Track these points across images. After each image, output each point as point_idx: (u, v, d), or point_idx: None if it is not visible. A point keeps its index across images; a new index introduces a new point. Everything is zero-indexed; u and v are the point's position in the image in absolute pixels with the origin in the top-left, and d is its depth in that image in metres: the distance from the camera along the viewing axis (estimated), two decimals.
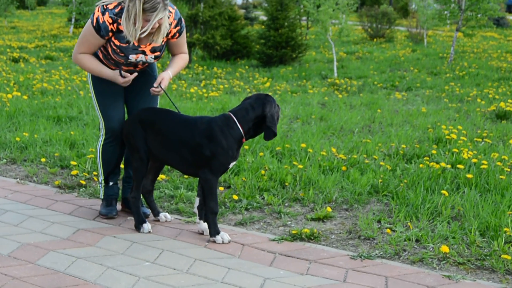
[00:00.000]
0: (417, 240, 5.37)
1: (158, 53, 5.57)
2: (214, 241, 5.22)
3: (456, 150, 8.10)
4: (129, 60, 5.51)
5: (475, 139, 9.16)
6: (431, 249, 5.18)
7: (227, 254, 5.02)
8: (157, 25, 5.25)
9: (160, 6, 5.12)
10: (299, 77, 18.30)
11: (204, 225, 5.38)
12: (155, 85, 5.54)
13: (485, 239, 5.37)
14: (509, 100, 13.05)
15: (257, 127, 5.22)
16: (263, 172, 7.15)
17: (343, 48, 26.42)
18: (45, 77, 16.06)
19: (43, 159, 7.69)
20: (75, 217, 5.83)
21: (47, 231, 5.41)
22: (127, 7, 5.17)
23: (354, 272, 4.72)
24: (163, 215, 5.79)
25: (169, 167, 7.09)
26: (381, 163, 7.63)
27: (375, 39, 31.08)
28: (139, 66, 5.67)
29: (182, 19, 5.60)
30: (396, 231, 5.54)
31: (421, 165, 7.41)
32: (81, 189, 6.72)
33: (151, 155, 5.47)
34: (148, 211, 5.86)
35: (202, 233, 5.42)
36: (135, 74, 5.57)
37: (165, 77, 5.56)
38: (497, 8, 22.54)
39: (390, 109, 12.37)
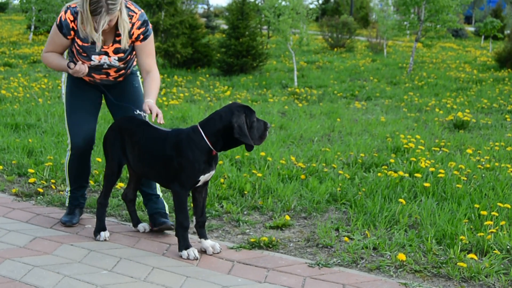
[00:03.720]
0: (374, 248, 5.41)
1: (121, 55, 5.52)
2: (181, 256, 5.13)
3: (414, 159, 8.18)
4: (93, 62, 5.49)
5: (432, 148, 9.26)
6: (388, 257, 5.22)
7: (185, 262, 5.01)
8: (107, 27, 5.23)
9: (103, 10, 5.09)
10: (260, 86, 18.34)
11: (206, 243, 5.24)
12: (154, 118, 5.30)
13: (441, 247, 5.43)
14: (467, 110, 13.23)
15: (229, 138, 4.97)
16: (222, 180, 7.15)
17: (303, 58, 26.54)
18: (3, 84, 15.91)
19: (0, 167, 7.61)
20: (32, 225, 5.78)
21: (4, 239, 5.35)
22: (80, 9, 5.20)
23: (312, 280, 4.74)
24: (142, 226, 5.74)
25: None
26: (340, 171, 7.67)
27: (335, 49, 31.28)
28: (112, 73, 5.66)
29: (149, 23, 5.56)
30: (354, 239, 5.57)
31: (379, 174, 7.47)
32: (38, 197, 6.67)
33: (129, 166, 5.45)
34: (146, 225, 5.79)
35: (204, 252, 5.23)
36: (86, 67, 5.47)
37: (152, 106, 5.35)
38: (456, 20, 22.81)
39: (350, 118, 12.45)
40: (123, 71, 5.74)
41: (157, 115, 5.26)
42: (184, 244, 5.13)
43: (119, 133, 5.37)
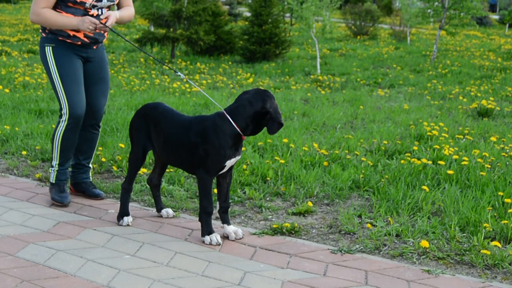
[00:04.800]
0: (397, 235, 5.39)
1: None
2: (203, 241, 5.14)
3: (438, 147, 8.13)
4: (85, 4, 5.65)
5: (456, 136, 9.21)
6: (411, 244, 5.20)
7: (207, 248, 5.01)
8: None
9: None
10: (282, 73, 18.31)
11: (229, 229, 5.26)
12: (102, 17, 5.69)
13: (464, 234, 5.40)
14: (491, 98, 13.13)
15: (257, 123, 5.02)
16: (244, 166, 7.14)
17: (326, 45, 26.48)
18: (27, 70, 16.00)
19: (24, 152, 7.66)
20: (55, 210, 5.81)
21: (28, 224, 5.39)
22: None
23: (334, 266, 4.73)
24: (165, 211, 5.75)
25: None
26: (363, 158, 7.64)
27: (358, 37, 31.17)
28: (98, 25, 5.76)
29: None
30: (376, 226, 5.55)
31: (402, 161, 7.44)
32: None
33: (154, 152, 5.48)
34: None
35: (227, 237, 5.25)
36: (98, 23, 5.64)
37: (112, 15, 5.72)
38: (480, 7, 22.65)
39: (373, 105, 12.41)
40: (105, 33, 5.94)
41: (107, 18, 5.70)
42: (207, 230, 5.13)
43: (144, 119, 5.38)
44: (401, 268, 4.73)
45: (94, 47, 5.95)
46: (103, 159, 7.34)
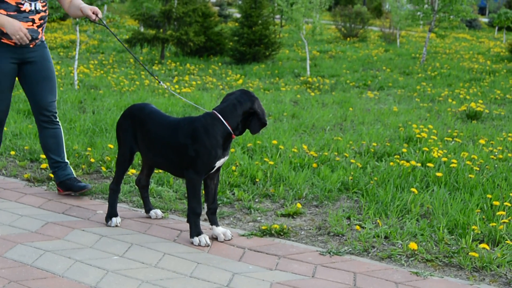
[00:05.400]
0: (386, 237, 5.39)
1: None
2: (192, 242, 5.13)
3: (426, 149, 8.16)
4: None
5: (445, 138, 9.23)
6: (399, 246, 5.20)
7: (196, 249, 5.01)
8: None
9: None
10: (272, 74, 18.32)
11: (217, 230, 5.25)
12: (92, 17, 5.96)
13: (453, 236, 5.41)
14: (480, 101, 13.18)
15: (245, 123, 5.09)
16: (233, 168, 7.14)
17: (316, 47, 26.49)
18: None
19: (12, 152, 7.63)
20: (44, 210, 5.79)
21: (16, 224, 5.37)
22: None
23: (322, 268, 4.73)
24: (154, 212, 5.74)
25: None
26: (352, 160, 7.65)
27: (348, 39, 31.22)
28: (36, 20, 5.83)
29: None
30: (365, 228, 5.56)
31: (391, 163, 7.45)
32: (50, 183, 6.68)
33: (142, 154, 5.47)
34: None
35: (216, 238, 5.24)
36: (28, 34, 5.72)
37: (96, 8, 5.97)
38: (470, 10, 22.71)
39: (362, 107, 12.43)
40: (43, 22, 5.93)
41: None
42: (195, 231, 5.12)
43: (130, 120, 5.37)
44: (389, 270, 4.73)
45: (31, 45, 5.93)
46: (92, 160, 7.32)
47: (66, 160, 6.36)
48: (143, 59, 20.83)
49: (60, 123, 6.31)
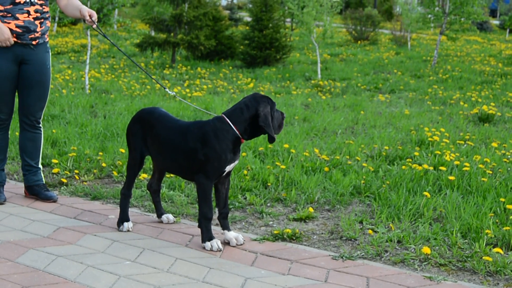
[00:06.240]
0: (398, 241, 5.37)
1: None
2: (204, 247, 5.11)
3: (439, 152, 8.12)
4: None
5: (457, 141, 9.19)
6: (412, 250, 5.18)
7: (208, 254, 5.00)
8: None
9: None
10: (283, 78, 18.31)
11: (229, 235, 5.24)
12: (87, 18, 6.03)
13: (466, 240, 5.38)
14: (492, 104, 13.13)
15: (255, 127, 5.03)
16: (245, 172, 7.13)
17: (327, 50, 26.46)
18: None
19: None
20: (56, 215, 5.79)
21: (28, 229, 5.37)
22: None
23: (335, 273, 4.71)
24: (166, 217, 5.73)
25: None
26: (364, 164, 7.63)
27: (359, 42, 31.17)
28: (32, 12, 5.85)
29: None
30: (378, 232, 5.54)
31: (403, 167, 7.42)
32: (62, 187, 6.69)
33: (152, 158, 5.46)
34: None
35: (227, 243, 5.23)
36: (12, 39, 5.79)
37: (90, 10, 6.03)
38: (481, 12, 22.63)
39: (374, 111, 12.39)
40: (40, 15, 5.93)
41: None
42: (207, 236, 5.11)
43: (140, 124, 5.36)
44: (402, 274, 4.71)
45: (34, 43, 5.94)
46: (104, 164, 7.32)
47: (39, 166, 6.36)
48: (153, 63, 20.85)
49: (42, 129, 6.33)
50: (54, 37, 27.47)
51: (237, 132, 4.99)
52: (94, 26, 6.11)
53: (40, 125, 6.27)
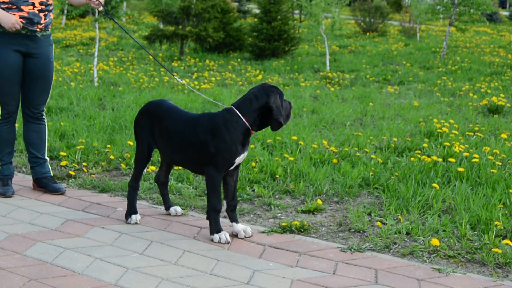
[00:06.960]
0: (407, 233, 5.35)
1: None
2: (212, 240, 5.10)
3: (448, 144, 8.09)
4: None
5: (466, 133, 9.15)
6: (421, 242, 5.16)
7: (216, 246, 4.99)
8: None
9: None
10: (292, 70, 18.28)
11: (237, 227, 5.23)
12: (96, 2, 6.01)
13: (475, 232, 5.35)
14: (501, 95, 13.07)
15: (264, 117, 5.01)
16: (253, 164, 7.11)
17: (335, 42, 26.40)
18: None
19: None
20: (63, 208, 5.79)
21: (35, 222, 5.37)
22: None
23: (344, 265, 4.69)
24: (174, 209, 5.72)
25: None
26: (373, 156, 7.60)
27: (367, 33, 31.09)
28: (37, 4, 5.86)
29: None
30: (386, 224, 5.52)
31: (412, 158, 7.39)
32: (70, 180, 6.69)
33: (160, 151, 5.45)
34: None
35: (236, 235, 5.22)
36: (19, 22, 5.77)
37: None
38: (490, 3, 22.54)
39: (382, 102, 12.36)
40: (44, 7, 5.93)
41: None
42: (215, 228, 5.10)
43: (147, 117, 5.34)
44: (411, 266, 4.69)
45: (36, 29, 5.93)
46: (112, 157, 7.32)
47: (46, 158, 6.37)
48: (162, 55, 20.84)
49: (45, 120, 6.35)
50: (62, 30, 27.49)
51: (247, 123, 4.97)
52: (101, 8, 6.10)
53: (44, 117, 6.29)
